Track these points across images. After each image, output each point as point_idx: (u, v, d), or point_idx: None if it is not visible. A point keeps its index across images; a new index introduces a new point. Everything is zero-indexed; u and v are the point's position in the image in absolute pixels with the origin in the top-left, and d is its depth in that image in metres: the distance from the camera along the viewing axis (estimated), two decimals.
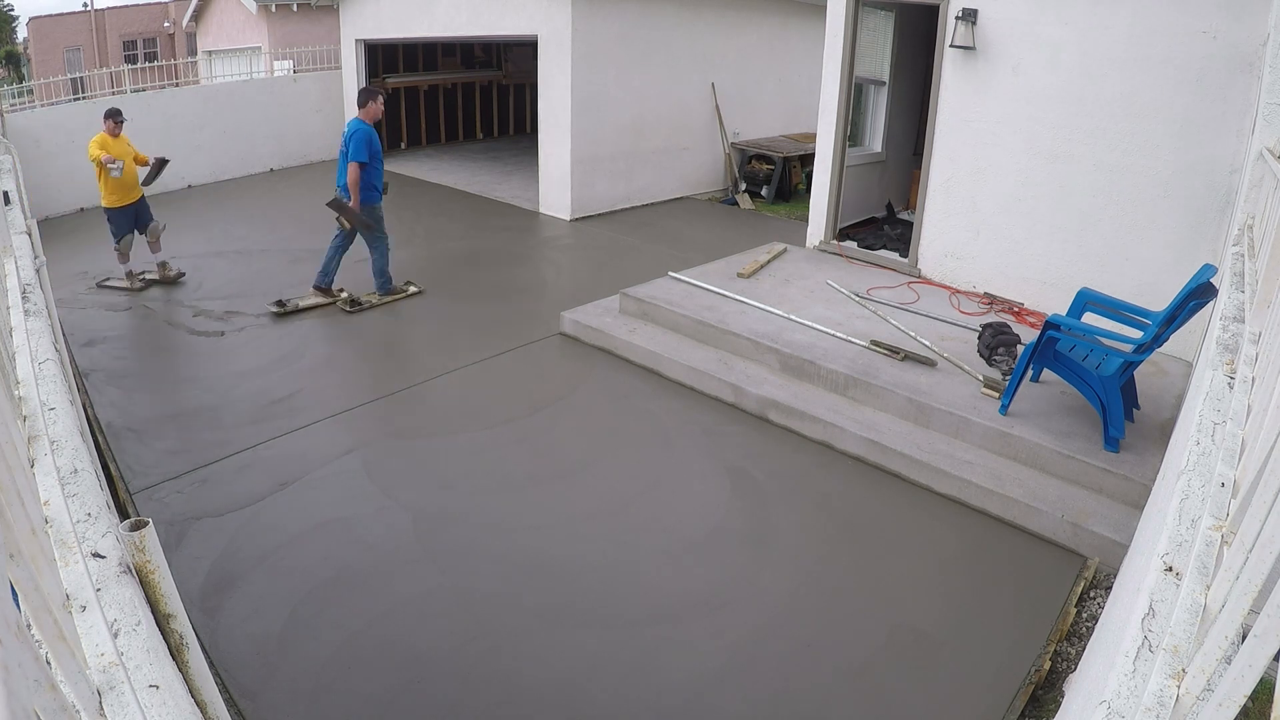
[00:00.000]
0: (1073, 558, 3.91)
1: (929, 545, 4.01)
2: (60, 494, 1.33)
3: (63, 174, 10.25)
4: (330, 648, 3.26)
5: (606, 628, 3.42)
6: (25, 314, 2.12)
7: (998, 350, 5.16)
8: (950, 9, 6.08)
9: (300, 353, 6.02)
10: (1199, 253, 5.18)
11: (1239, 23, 4.85)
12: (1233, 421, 1.78)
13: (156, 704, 1.01)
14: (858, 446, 4.71)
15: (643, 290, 6.35)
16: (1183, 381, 5.00)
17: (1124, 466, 4.12)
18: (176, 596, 1.30)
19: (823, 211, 7.51)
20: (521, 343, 6.23)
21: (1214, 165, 5.12)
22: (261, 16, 15.79)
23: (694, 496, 4.36)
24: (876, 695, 3.13)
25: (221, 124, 11.91)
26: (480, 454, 4.70)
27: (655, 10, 9.90)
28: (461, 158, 13.62)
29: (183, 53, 23.30)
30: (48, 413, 1.59)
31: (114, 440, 4.77)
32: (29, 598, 0.84)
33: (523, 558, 3.83)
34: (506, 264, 8.21)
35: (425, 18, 11.08)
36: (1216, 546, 1.36)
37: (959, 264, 6.57)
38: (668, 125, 10.51)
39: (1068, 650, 3.34)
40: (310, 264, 8.08)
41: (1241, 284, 2.71)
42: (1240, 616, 1.02)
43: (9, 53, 32.38)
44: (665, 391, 5.48)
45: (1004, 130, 6.07)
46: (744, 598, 3.62)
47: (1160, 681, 1.13)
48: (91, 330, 6.41)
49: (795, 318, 5.79)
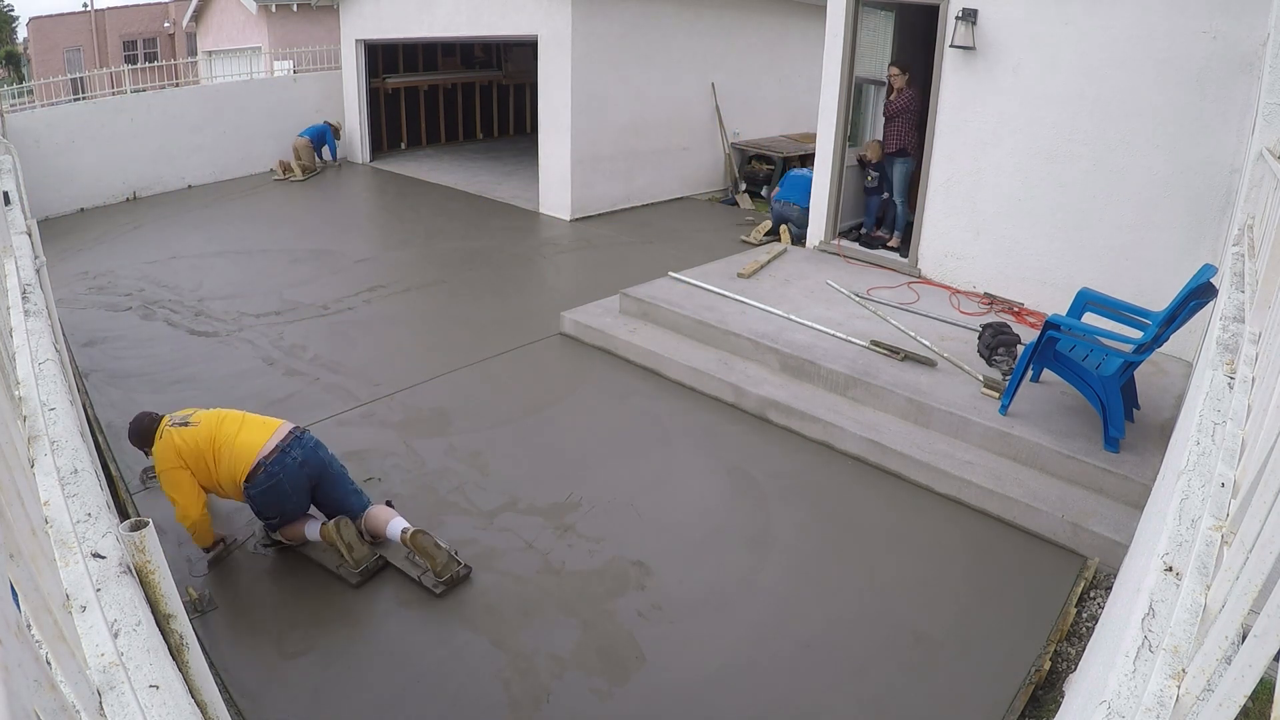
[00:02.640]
0: (1073, 558, 3.91)
1: (929, 545, 4.01)
2: (60, 494, 1.33)
3: (63, 174, 10.26)
4: (332, 652, 3.27)
5: (605, 625, 3.42)
6: (25, 314, 2.12)
7: (998, 350, 5.16)
8: (950, 9, 6.08)
9: (301, 353, 6.02)
10: (1199, 253, 5.18)
11: (1239, 23, 4.85)
12: (1233, 421, 1.78)
13: (156, 704, 1.01)
14: (858, 446, 4.71)
15: (643, 290, 6.35)
16: (1183, 381, 4.99)
17: (1124, 466, 4.12)
18: (176, 597, 1.30)
19: (823, 212, 7.51)
20: (521, 343, 6.22)
21: (1214, 165, 5.12)
22: (261, 17, 15.79)
23: (694, 496, 4.36)
24: (876, 695, 3.12)
25: (221, 124, 11.91)
26: (480, 454, 4.70)
27: (655, 10, 9.89)
28: (461, 158, 13.61)
29: (183, 53, 23.29)
30: (48, 413, 1.59)
31: (114, 440, 4.77)
32: (29, 598, 0.84)
33: (521, 558, 3.83)
34: (506, 264, 8.21)
35: (425, 18, 11.08)
36: (1216, 546, 1.36)
37: (959, 264, 6.57)
38: (668, 125, 10.51)
39: (1068, 650, 3.34)
40: (310, 264, 8.09)
41: (1241, 284, 2.70)
42: (1240, 616, 1.02)
43: (9, 53, 32.38)
44: (665, 391, 5.48)
45: (1004, 130, 6.07)
46: (744, 598, 3.62)
47: (1160, 681, 1.13)
48: (91, 330, 6.41)
49: (795, 318, 5.78)
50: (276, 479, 3.59)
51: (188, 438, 3.59)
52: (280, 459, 3.61)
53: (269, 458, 3.59)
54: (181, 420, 3.67)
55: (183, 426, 3.63)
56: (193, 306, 6.93)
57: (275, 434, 3.68)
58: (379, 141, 13.59)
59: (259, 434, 3.67)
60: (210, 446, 3.60)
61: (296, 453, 3.65)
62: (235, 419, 3.72)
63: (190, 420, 3.67)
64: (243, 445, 3.61)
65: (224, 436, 3.62)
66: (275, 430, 3.71)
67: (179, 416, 3.71)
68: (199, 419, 3.68)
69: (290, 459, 3.63)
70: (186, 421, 3.66)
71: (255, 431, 3.68)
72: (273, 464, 3.59)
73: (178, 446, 3.56)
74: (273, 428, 3.72)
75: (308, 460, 3.70)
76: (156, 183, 11.35)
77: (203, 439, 3.60)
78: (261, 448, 3.61)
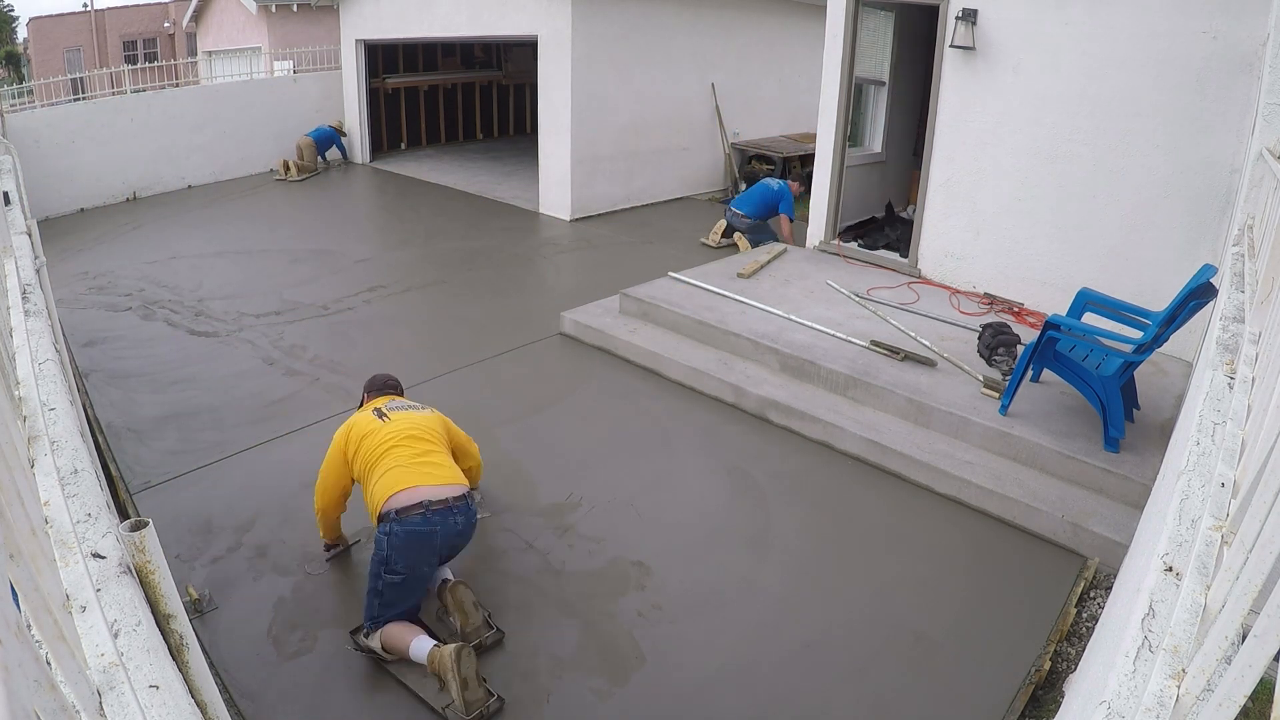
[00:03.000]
0: (1073, 558, 3.91)
1: (929, 545, 4.00)
2: (60, 494, 1.33)
3: (63, 174, 10.26)
4: (332, 651, 3.26)
5: (606, 626, 3.41)
6: (25, 314, 2.12)
7: (998, 350, 5.16)
8: (950, 9, 6.08)
9: (301, 353, 6.02)
10: (1199, 253, 5.18)
11: (1239, 23, 4.85)
12: (1233, 421, 1.78)
13: (156, 704, 1.01)
14: (858, 446, 4.71)
15: (643, 290, 6.35)
16: (1183, 381, 4.99)
17: (1124, 466, 4.12)
18: (176, 597, 1.30)
19: (823, 212, 7.51)
20: (521, 343, 6.22)
21: (1214, 165, 5.12)
22: (261, 17, 15.79)
23: (694, 496, 4.36)
24: (876, 695, 3.12)
25: (222, 124, 11.91)
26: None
27: (655, 10, 9.89)
28: (461, 158, 13.61)
29: (183, 53, 23.30)
30: (48, 413, 1.60)
31: (114, 440, 4.77)
32: (29, 598, 0.84)
33: (521, 558, 3.83)
34: (506, 264, 8.21)
35: (425, 18, 11.08)
36: (1216, 546, 1.36)
37: (959, 264, 6.57)
38: (668, 125, 10.51)
39: (1068, 650, 3.34)
40: (310, 264, 8.09)
41: (1241, 284, 2.71)
42: (1240, 616, 1.02)
43: (9, 53, 32.38)
44: (665, 391, 5.48)
45: (1004, 130, 6.07)
46: (744, 597, 3.62)
47: (1160, 681, 1.13)
48: (91, 330, 6.41)
49: (795, 318, 5.78)
50: (433, 531, 3.13)
51: (365, 424, 3.39)
52: (446, 514, 3.18)
53: (434, 506, 3.15)
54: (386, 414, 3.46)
55: (379, 417, 3.43)
56: (193, 306, 6.93)
57: (451, 487, 3.27)
58: (379, 142, 13.59)
59: (437, 474, 3.28)
60: (375, 450, 3.29)
61: (460, 519, 3.24)
62: (420, 443, 3.37)
63: (387, 415, 3.45)
64: (412, 472, 3.22)
65: (398, 454, 3.28)
66: (452, 484, 3.29)
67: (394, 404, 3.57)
68: (396, 421, 3.42)
69: (454, 521, 3.20)
70: (383, 413, 3.46)
71: (435, 470, 3.29)
72: (436, 515, 3.14)
73: (357, 421, 3.42)
74: (452, 479, 3.33)
75: (464, 533, 3.29)
76: (156, 183, 11.36)
77: (377, 437, 3.33)
78: (431, 488, 3.20)
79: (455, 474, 3.38)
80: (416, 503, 3.12)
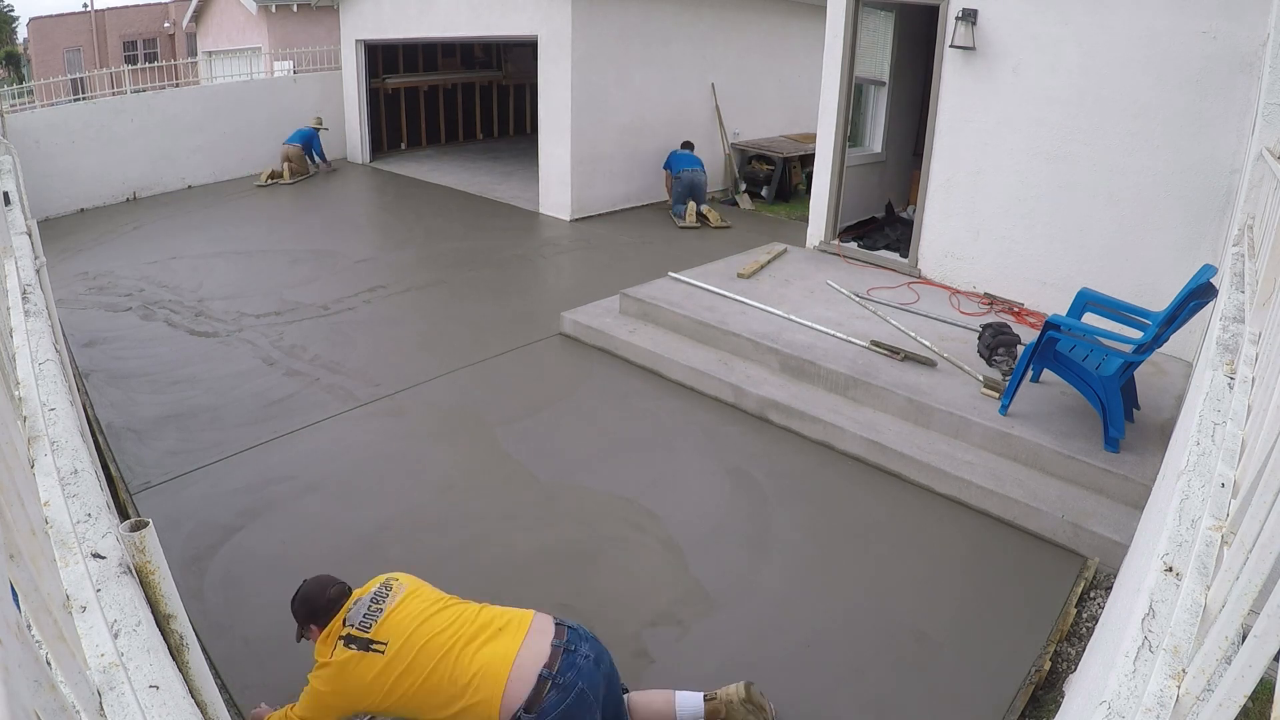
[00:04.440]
0: (1073, 558, 3.91)
1: (929, 545, 4.01)
2: (60, 494, 1.33)
3: (63, 174, 10.26)
4: None
5: (606, 628, 3.41)
6: (25, 314, 2.12)
7: (998, 350, 5.16)
8: (950, 9, 6.08)
9: (301, 353, 6.02)
10: (1199, 253, 5.18)
11: (1239, 23, 4.85)
12: (1233, 421, 1.78)
13: (156, 704, 1.01)
14: (858, 447, 4.71)
15: (643, 290, 6.35)
16: (1183, 381, 4.99)
17: (1124, 466, 4.12)
18: (176, 597, 1.30)
19: (823, 212, 7.51)
20: (521, 343, 6.22)
21: (1214, 165, 5.12)
22: (261, 17, 15.79)
23: (694, 496, 4.36)
24: (876, 695, 3.12)
25: (222, 125, 11.91)
26: (479, 455, 4.70)
27: (655, 10, 9.89)
28: (461, 158, 13.61)
29: (183, 53, 23.30)
30: (48, 413, 1.60)
31: (114, 440, 4.77)
32: (29, 598, 0.84)
33: (521, 559, 3.83)
34: (506, 264, 8.21)
35: (425, 18, 11.08)
36: (1216, 546, 1.36)
37: (959, 264, 6.57)
38: (668, 125, 10.50)
39: (1068, 650, 3.34)
40: (310, 264, 8.09)
41: (1241, 284, 2.71)
42: (1240, 617, 1.02)
43: (9, 53, 32.38)
44: (665, 392, 5.48)
45: (1004, 130, 6.07)
46: (744, 597, 3.62)
47: (1160, 682, 1.13)
48: (91, 330, 6.41)
49: (795, 318, 5.78)
50: (576, 690, 2.34)
51: (364, 673, 2.38)
52: (569, 661, 2.38)
53: (552, 666, 2.36)
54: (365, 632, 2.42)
55: (364, 651, 2.39)
56: (193, 307, 6.93)
57: (533, 630, 2.45)
58: (379, 142, 13.59)
59: (506, 640, 2.42)
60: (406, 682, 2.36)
61: (586, 647, 2.47)
62: (446, 611, 2.49)
63: (376, 639, 2.40)
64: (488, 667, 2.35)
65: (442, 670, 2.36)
66: (530, 624, 2.47)
67: (363, 617, 2.46)
68: (389, 634, 2.40)
69: (581, 657, 2.41)
70: (369, 642, 2.40)
71: (500, 638, 2.42)
72: (559, 674, 2.35)
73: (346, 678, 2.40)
74: (520, 618, 2.50)
75: (600, 657, 2.49)
76: (156, 183, 11.36)
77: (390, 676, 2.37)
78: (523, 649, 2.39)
79: (511, 611, 2.56)
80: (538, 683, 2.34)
